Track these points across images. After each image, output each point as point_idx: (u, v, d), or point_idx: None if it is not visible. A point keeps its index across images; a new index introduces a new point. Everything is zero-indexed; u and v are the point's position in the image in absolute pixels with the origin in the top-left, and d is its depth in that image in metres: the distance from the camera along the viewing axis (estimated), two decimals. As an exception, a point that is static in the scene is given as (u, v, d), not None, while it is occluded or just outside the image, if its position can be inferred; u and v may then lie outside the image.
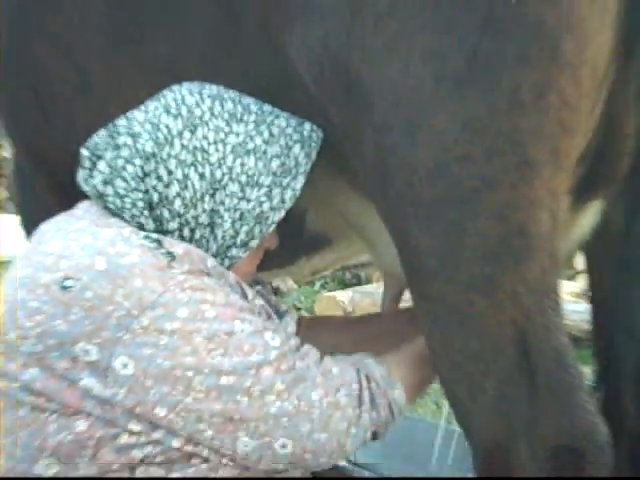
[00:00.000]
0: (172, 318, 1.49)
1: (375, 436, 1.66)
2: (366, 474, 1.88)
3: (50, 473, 1.53)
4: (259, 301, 1.68)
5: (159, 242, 1.56)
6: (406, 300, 1.87)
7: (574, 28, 1.36)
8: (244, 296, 1.63)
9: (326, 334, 2.08)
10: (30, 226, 1.86)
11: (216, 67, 1.72)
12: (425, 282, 1.54)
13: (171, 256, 1.54)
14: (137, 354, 1.47)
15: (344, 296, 5.73)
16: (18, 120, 2.18)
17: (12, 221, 2.67)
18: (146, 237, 1.57)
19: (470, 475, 1.66)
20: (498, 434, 1.51)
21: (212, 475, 1.58)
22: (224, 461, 1.57)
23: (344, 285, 6.45)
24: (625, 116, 1.49)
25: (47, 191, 2.13)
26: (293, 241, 1.93)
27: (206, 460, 1.57)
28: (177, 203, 1.61)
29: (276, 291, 6.08)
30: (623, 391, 1.57)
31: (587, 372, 1.54)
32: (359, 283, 6.44)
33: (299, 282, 6.21)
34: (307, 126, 1.67)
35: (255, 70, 1.69)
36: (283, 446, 1.55)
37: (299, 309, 5.72)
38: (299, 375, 1.56)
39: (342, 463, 1.89)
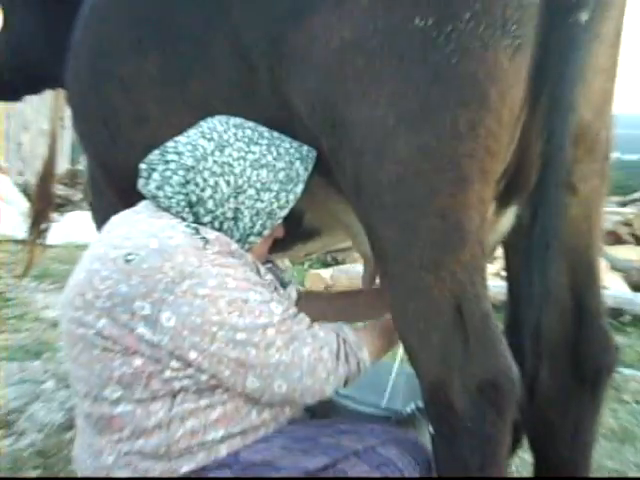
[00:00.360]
0: (204, 286, 1.53)
1: (346, 383, 1.70)
2: (346, 402, 1.89)
3: (114, 397, 1.59)
4: (269, 276, 1.71)
5: (197, 230, 1.61)
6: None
7: (498, 81, 1.42)
8: (258, 272, 1.67)
9: (317, 304, 2.09)
10: (99, 219, 1.88)
11: (238, 105, 1.73)
12: (388, 264, 1.58)
13: (205, 240, 1.59)
14: (177, 311, 1.52)
15: (326, 273, 5.71)
16: (92, 142, 2.18)
17: (85, 216, 2.65)
18: (187, 226, 1.62)
19: (419, 403, 1.69)
20: (440, 373, 1.54)
21: (230, 400, 1.63)
22: (237, 393, 1.63)
23: (326, 265, 6.41)
24: (533, 145, 1.53)
25: (112, 194, 2.13)
26: (294, 233, 1.95)
27: (227, 391, 1.62)
28: (210, 203, 1.65)
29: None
30: (524, 344, 1.57)
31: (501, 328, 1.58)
32: (337, 263, 6.37)
33: (293, 262, 6.19)
34: (305, 147, 1.70)
35: (267, 108, 1.71)
36: (279, 387, 1.60)
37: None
38: (294, 336, 1.61)
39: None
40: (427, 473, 1.71)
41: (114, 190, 2.10)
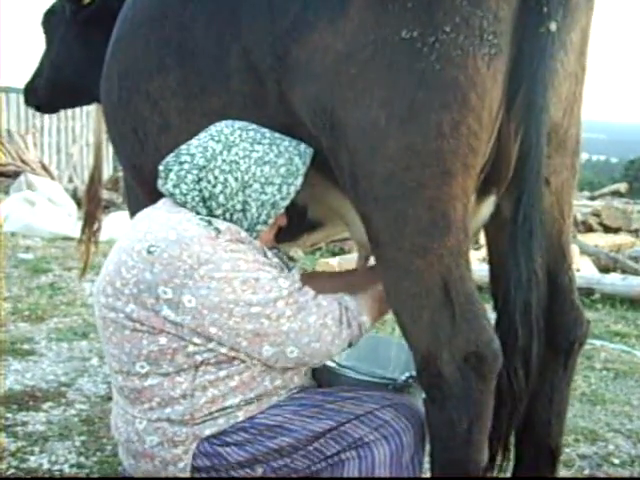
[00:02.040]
0: (219, 270, 1.53)
1: (350, 345, 1.69)
2: (348, 372, 1.88)
3: (143, 371, 1.60)
4: (275, 259, 1.70)
5: (209, 222, 1.60)
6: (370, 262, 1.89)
7: (477, 85, 1.40)
8: (265, 256, 1.66)
9: (318, 283, 2.07)
10: (134, 214, 1.87)
11: (250, 114, 1.71)
12: (381, 249, 1.56)
13: (217, 230, 1.58)
14: (197, 294, 1.52)
15: (334, 261, 5.69)
16: (124, 148, 2.16)
17: (125, 215, 2.66)
18: (201, 219, 1.60)
19: (413, 372, 1.67)
20: (430, 346, 1.52)
21: (246, 370, 1.62)
22: (254, 362, 1.62)
23: (334, 254, 6.40)
24: (508, 142, 1.50)
25: (142, 193, 2.12)
26: (299, 225, 1.93)
27: (243, 361, 1.61)
28: (221, 197, 1.63)
29: (291, 258, 6.04)
30: (516, 320, 1.55)
31: (487, 308, 1.56)
32: (343, 252, 6.37)
33: (305, 252, 6.18)
34: (303, 145, 1.67)
35: (275, 115, 1.68)
36: (291, 352, 1.60)
37: (305, 270, 5.66)
38: (301, 306, 1.60)
39: (332, 364, 1.88)
40: (420, 434, 1.69)
41: (144, 190, 2.09)
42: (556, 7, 1.40)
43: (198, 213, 1.64)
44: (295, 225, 1.84)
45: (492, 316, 1.60)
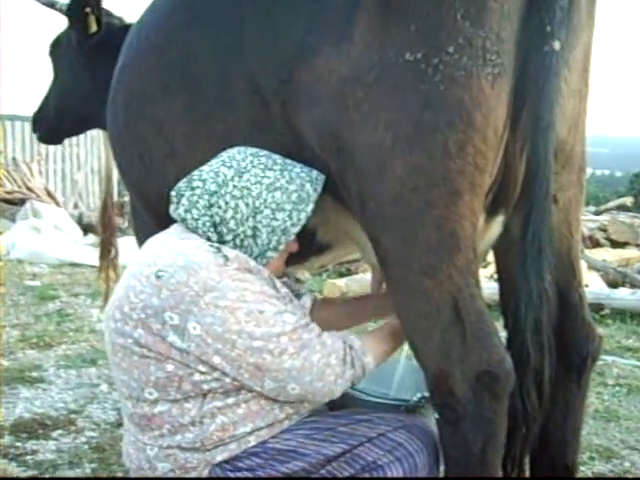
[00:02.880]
0: (224, 298, 1.52)
1: (353, 385, 1.67)
2: (360, 394, 1.86)
3: (152, 398, 1.59)
4: (284, 289, 1.68)
5: (218, 249, 1.59)
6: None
7: (481, 105, 1.40)
8: (274, 286, 1.64)
9: (332, 309, 2.05)
10: (140, 241, 1.88)
11: (256, 138, 1.72)
12: (391, 270, 1.55)
13: (226, 258, 1.57)
14: (202, 321, 1.51)
15: (341, 282, 5.68)
16: (130, 174, 2.18)
17: (132, 241, 2.65)
18: (210, 245, 1.60)
19: (425, 392, 1.66)
20: (441, 365, 1.51)
21: (254, 399, 1.61)
22: (257, 394, 1.60)
23: (341, 275, 6.39)
24: (515, 160, 1.51)
25: (149, 219, 2.12)
26: (308, 248, 1.91)
27: (250, 391, 1.60)
28: (232, 223, 1.63)
29: (298, 280, 6.06)
30: (527, 338, 1.54)
31: (497, 326, 1.55)
32: (350, 273, 6.35)
33: (312, 273, 6.17)
34: (314, 172, 1.67)
35: (281, 139, 1.69)
36: (293, 389, 1.57)
37: (312, 291, 5.65)
38: (305, 343, 1.57)
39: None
40: (434, 455, 1.68)
41: (151, 215, 2.10)
42: (559, 26, 1.41)
43: (209, 239, 1.64)
44: (304, 248, 1.83)
45: (502, 334, 1.59)
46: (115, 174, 3.06)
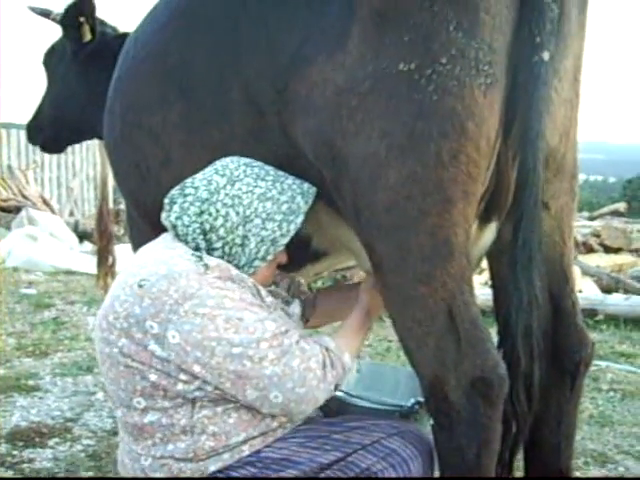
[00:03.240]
0: (203, 306, 1.52)
1: (336, 388, 1.66)
2: (354, 400, 1.87)
3: (140, 407, 1.59)
4: (270, 298, 1.68)
5: (200, 257, 1.60)
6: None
7: (474, 114, 1.42)
8: (258, 295, 1.64)
9: (330, 300, 2.12)
10: (136, 249, 1.89)
11: (251, 146, 1.73)
12: (385, 277, 1.56)
13: (206, 266, 1.58)
14: (181, 329, 1.51)
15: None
16: (126, 183, 2.18)
17: (127, 248, 2.64)
18: (193, 254, 1.61)
19: (420, 398, 1.66)
20: (436, 372, 1.52)
21: (244, 407, 1.60)
22: (242, 404, 1.60)
23: (336, 282, 6.40)
24: (507, 169, 1.52)
25: (145, 227, 2.12)
26: (303, 255, 1.93)
27: (236, 402, 1.59)
28: (221, 230, 1.63)
29: (310, 287, 6.05)
30: (517, 344, 1.56)
31: (492, 332, 1.57)
32: (345, 280, 6.36)
33: (307, 280, 6.15)
34: (306, 184, 1.69)
35: (276, 148, 1.70)
36: (275, 397, 1.56)
37: (310, 289, 5.60)
38: (285, 349, 1.56)
39: (340, 394, 1.86)
40: (429, 461, 1.68)
41: (147, 223, 2.10)
42: (548, 37, 1.43)
43: (197, 246, 1.64)
44: (299, 255, 1.84)
45: (496, 339, 1.61)
46: (111, 181, 3.05)
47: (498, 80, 1.43)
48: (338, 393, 1.85)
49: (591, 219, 11.51)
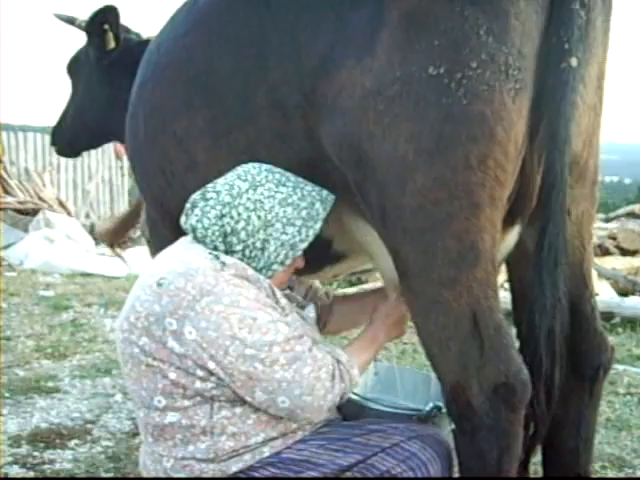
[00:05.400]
0: (219, 303, 1.54)
1: (341, 399, 1.67)
2: (373, 404, 1.87)
3: (161, 405, 1.61)
4: (284, 300, 1.70)
5: (217, 256, 1.63)
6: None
7: (503, 119, 1.43)
8: (273, 296, 1.66)
9: (348, 307, 2.14)
10: (155, 253, 1.91)
11: (277, 150, 1.74)
12: (411, 281, 1.57)
13: (223, 264, 1.60)
14: (197, 326, 1.54)
15: (351, 291, 5.71)
16: (150, 187, 2.20)
17: (143, 250, 2.66)
18: (209, 253, 1.64)
19: (438, 402, 1.66)
20: (459, 377, 1.53)
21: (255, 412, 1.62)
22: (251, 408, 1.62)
23: (352, 284, 6.40)
24: (532, 173, 1.53)
25: (166, 231, 2.14)
26: (323, 257, 1.94)
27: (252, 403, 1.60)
28: (242, 234, 1.65)
29: (327, 294, 6.07)
30: (540, 348, 1.56)
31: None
32: (361, 282, 6.36)
33: (323, 282, 6.16)
34: (325, 191, 1.71)
35: (302, 151, 1.71)
36: (283, 402, 1.57)
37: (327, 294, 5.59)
38: (297, 355, 1.58)
39: (356, 397, 1.86)
40: (447, 464, 1.69)
41: (169, 227, 2.11)
42: (576, 44, 1.44)
43: (216, 248, 1.66)
44: (319, 257, 1.86)
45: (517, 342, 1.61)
46: (125, 183, 3.11)
47: (527, 85, 1.44)
48: (354, 396, 1.86)
49: (607, 221, 11.44)
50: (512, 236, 1.66)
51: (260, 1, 1.72)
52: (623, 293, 6.06)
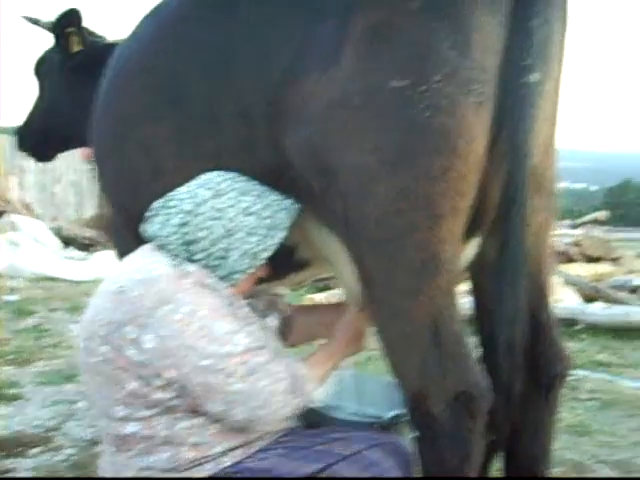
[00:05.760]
0: (178, 311, 1.53)
1: (297, 412, 1.67)
2: (334, 412, 1.87)
3: (121, 415, 1.58)
4: (245, 310, 1.68)
5: (177, 265, 1.62)
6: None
7: (465, 132, 1.45)
8: (234, 305, 1.65)
9: (309, 319, 2.12)
10: (122, 258, 1.89)
11: (242, 158, 1.73)
12: (373, 290, 1.58)
13: (183, 272, 1.60)
14: (156, 334, 1.52)
15: (319, 297, 5.72)
16: (116, 194, 2.18)
17: (110, 255, 2.62)
18: (170, 261, 1.63)
19: (400, 410, 1.67)
20: (420, 385, 1.54)
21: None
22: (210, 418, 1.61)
23: (319, 290, 6.41)
24: (492, 185, 1.55)
25: (132, 236, 2.14)
26: (287, 264, 1.94)
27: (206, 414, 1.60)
28: (204, 242, 1.64)
29: (276, 294, 6.06)
30: (500, 357, 1.58)
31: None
32: (328, 288, 6.38)
33: (291, 288, 6.17)
34: (289, 200, 1.71)
35: (267, 160, 1.70)
36: (238, 414, 1.57)
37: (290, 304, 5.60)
38: (254, 368, 1.57)
39: (318, 405, 1.86)
40: (407, 472, 1.71)
41: (133, 233, 2.10)
42: (537, 59, 1.47)
43: (177, 256, 1.65)
44: (283, 265, 1.86)
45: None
46: (93, 186, 3.05)
47: (488, 99, 1.46)
48: (317, 405, 1.86)
49: (573, 227, 11.64)
50: (473, 246, 1.68)
51: (227, 8, 1.72)
52: (588, 300, 6.16)
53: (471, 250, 1.69)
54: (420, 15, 1.44)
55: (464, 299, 1.67)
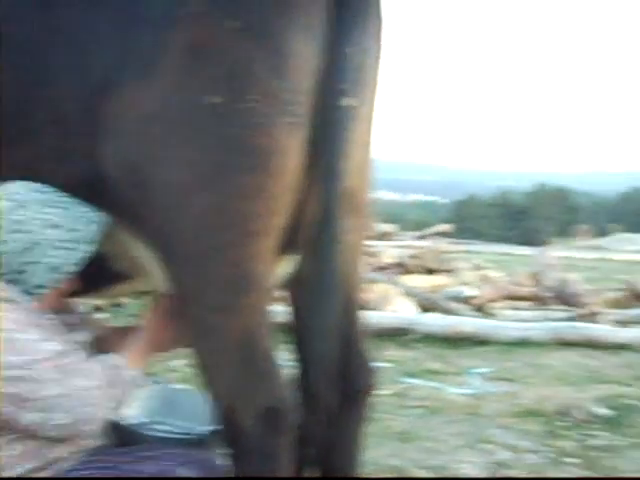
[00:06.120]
0: None
1: (120, 405, 1.64)
2: (146, 429, 1.83)
3: None
4: (53, 321, 1.63)
5: None
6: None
7: (278, 151, 1.47)
8: (40, 318, 1.60)
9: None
10: None
11: (57, 168, 1.65)
12: (186, 306, 1.57)
13: None
14: None
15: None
16: None
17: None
18: None
19: (212, 426, 1.66)
20: (230, 401, 1.55)
21: (30, 438, 1.54)
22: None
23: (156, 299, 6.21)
24: (308, 204, 1.58)
25: None
26: (102, 277, 1.84)
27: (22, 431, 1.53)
28: (5, 256, 1.57)
29: (119, 304, 5.93)
30: (315, 372, 1.62)
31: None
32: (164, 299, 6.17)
33: (133, 297, 5.93)
34: (96, 214, 1.65)
35: (82, 170, 1.63)
36: (59, 418, 1.52)
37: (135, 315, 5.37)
38: (71, 369, 1.53)
39: (128, 422, 1.82)
40: None
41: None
42: (350, 84, 1.53)
43: None
44: (97, 278, 1.79)
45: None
46: None
47: (303, 120, 1.50)
48: (127, 421, 1.82)
49: (419, 238, 12.28)
50: (287, 264, 1.70)
51: (46, 9, 1.62)
52: (426, 310, 6.48)
53: (286, 267, 1.71)
54: (238, 35, 1.45)
55: (278, 308, 1.68)
